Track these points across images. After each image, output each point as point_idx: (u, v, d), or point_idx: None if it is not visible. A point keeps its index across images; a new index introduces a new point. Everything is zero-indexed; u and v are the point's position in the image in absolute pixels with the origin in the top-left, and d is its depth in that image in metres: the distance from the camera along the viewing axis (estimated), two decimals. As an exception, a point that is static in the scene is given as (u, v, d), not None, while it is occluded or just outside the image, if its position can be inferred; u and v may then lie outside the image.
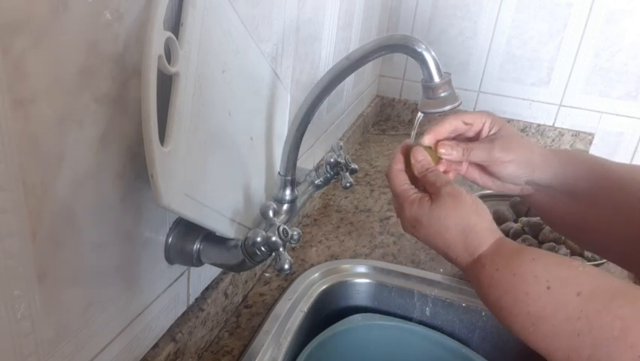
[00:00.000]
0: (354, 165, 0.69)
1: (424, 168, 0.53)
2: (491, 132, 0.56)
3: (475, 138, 0.57)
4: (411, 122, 1.60)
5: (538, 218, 0.89)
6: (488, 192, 0.98)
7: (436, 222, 0.49)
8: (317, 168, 0.70)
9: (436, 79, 0.49)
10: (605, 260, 0.80)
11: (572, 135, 1.48)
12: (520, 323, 0.43)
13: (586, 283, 0.41)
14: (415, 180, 0.53)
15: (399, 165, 0.54)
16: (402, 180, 0.53)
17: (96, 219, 0.39)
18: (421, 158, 0.53)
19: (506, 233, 0.89)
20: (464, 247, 0.48)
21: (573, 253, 0.84)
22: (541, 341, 0.41)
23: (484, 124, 0.56)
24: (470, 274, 0.48)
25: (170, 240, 0.51)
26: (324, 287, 0.76)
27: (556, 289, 0.41)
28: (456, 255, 0.49)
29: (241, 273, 0.69)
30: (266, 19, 0.62)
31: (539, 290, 0.42)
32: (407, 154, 0.54)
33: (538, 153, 0.56)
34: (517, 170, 0.56)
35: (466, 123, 0.56)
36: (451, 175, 0.57)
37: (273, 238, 0.48)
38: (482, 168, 0.58)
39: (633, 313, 0.38)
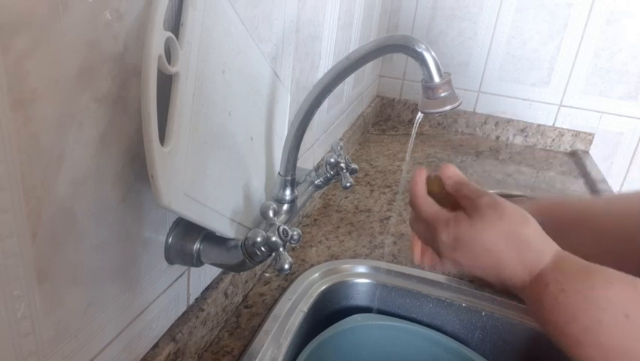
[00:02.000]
0: (354, 165, 0.69)
1: (457, 183, 0.48)
2: None
3: None
4: (411, 122, 1.60)
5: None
6: (489, 191, 0.98)
7: (481, 237, 0.43)
8: (317, 168, 0.70)
9: (436, 79, 0.49)
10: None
11: (572, 135, 1.48)
12: (591, 354, 0.37)
13: None
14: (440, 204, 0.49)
15: (421, 189, 0.50)
16: (430, 203, 0.48)
17: (96, 219, 0.39)
18: (452, 173, 0.49)
19: (506, 233, 0.89)
20: (521, 263, 0.42)
21: (573, 253, 0.83)
22: None
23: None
24: (529, 294, 0.42)
25: (170, 240, 0.51)
26: (324, 287, 0.76)
27: (636, 317, 0.36)
28: (510, 274, 0.43)
29: (241, 273, 0.69)
30: (266, 19, 0.62)
31: (615, 319, 0.36)
32: (426, 180, 0.51)
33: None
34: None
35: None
36: None
37: (273, 238, 0.48)
38: None
39: None
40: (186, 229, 0.52)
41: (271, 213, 0.51)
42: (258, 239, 0.48)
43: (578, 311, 0.38)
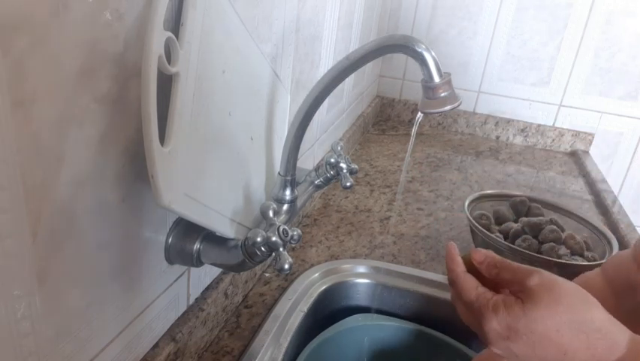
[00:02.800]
0: (354, 165, 0.69)
1: (493, 267, 0.43)
2: None
3: None
4: (411, 122, 1.60)
5: (538, 218, 0.89)
6: (489, 192, 0.99)
7: (539, 326, 0.38)
8: (317, 168, 0.70)
9: (436, 79, 0.49)
10: (605, 260, 0.80)
11: (572, 135, 1.48)
12: None
13: None
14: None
15: (460, 267, 0.44)
16: (472, 284, 0.42)
17: (96, 220, 0.39)
18: (482, 258, 0.44)
19: (506, 233, 0.89)
20: (590, 353, 0.37)
21: (573, 253, 0.84)
22: None
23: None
24: None
25: (170, 240, 0.51)
26: (324, 287, 0.76)
27: None
28: None
29: (241, 273, 0.69)
30: (266, 19, 0.62)
31: None
32: (464, 259, 0.46)
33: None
34: None
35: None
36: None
37: (273, 238, 0.48)
38: None
39: None
40: (186, 229, 0.52)
41: (271, 213, 0.51)
42: (258, 239, 0.48)
43: None
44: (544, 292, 0.38)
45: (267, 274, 0.78)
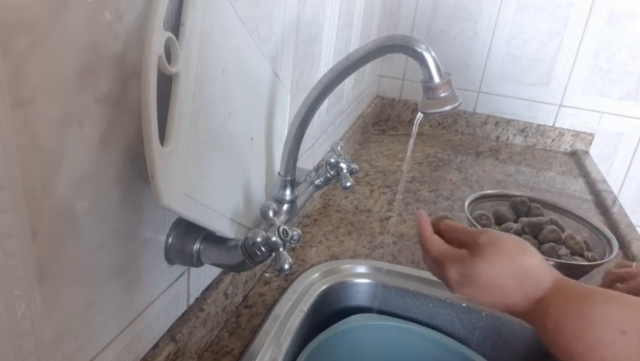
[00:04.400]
0: (354, 165, 0.69)
1: (454, 232, 0.52)
2: None
3: None
4: (411, 122, 1.60)
5: (538, 218, 0.89)
6: (489, 192, 0.99)
7: (484, 272, 0.46)
8: (317, 168, 0.70)
9: (436, 79, 0.49)
10: (605, 261, 0.80)
11: (572, 135, 1.48)
12: None
13: None
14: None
15: (428, 230, 0.53)
16: (437, 242, 0.52)
17: (96, 220, 0.39)
18: (447, 227, 0.53)
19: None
20: (522, 293, 0.45)
21: (573, 253, 0.84)
22: None
23: None
24: (532, 320, 0.45)
25: (170, 240, 0.51)
26: (324, 287, 0.76)
27: (632, 333, 0.38)
28: (513, 302, 0.46)
29: (241, 273, 0.69)
30: (266, 20, 0.62)
31: (613, 335, 0.39)
32: (433, 223, 0.55)
33: None
34: None
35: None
36: None
37: (273, 239, 0.48)
38: None
39: None
40: (186, 228, 0.52)
41: (271, 214, 0.51)
42: (258, 239, 0.48)
43: (579, 331, 0.40)
44: (489, 246, 0.47)
45: (267, 274, 0.78)
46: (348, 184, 0.68)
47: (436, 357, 0.74)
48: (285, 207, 0.64)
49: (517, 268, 0.45)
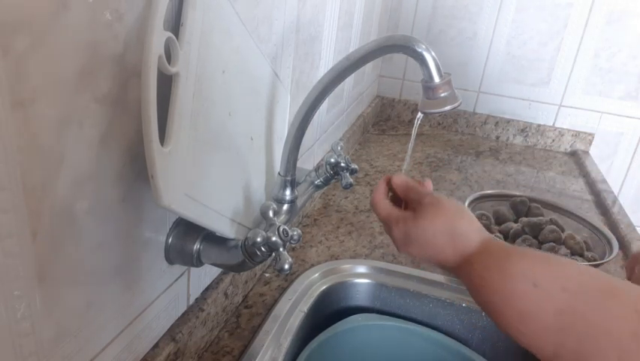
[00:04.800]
0: (354, 165, 0.69)
1: (405, 189, 0.56)
2: None
3: None
4: (411, 122, 1.60)
5: (538, 218, 0.89)
6: (489, 192, 0.99)
7: (423, 232, 0.50)
8: (317, 168, 0.70)
9: (436, 79, 0.49)
10: (605, 260, 0.80)
11: (572, 135, 1.48)
12: (510, 321, 0.43)
13: (573, 279, 0.41)
14: (399, 205, 0.57)
15: (381, 194, 0.57)
16: (385, 205, 0.55)
17: (96, 220, 0.39)
18: (400, 182, 0.56)
19: (506, 233, 0.89)
20: (453, 250, 0.49)
21: (573, 253, 0.84)
22: (530, 337, 0.42)
23: None
24: (461, 275, 0.50)
25: (170, 240, 0.51)
26: (324, 287, 0.76)
27: (543, 285, 0.41)
28: (445, 258, 0.50)
29: (241, 273, 0.69)
30: (266, 20, 0.62)
31: (526, 288, 0.42)
32: (389, 184, 0.58)
33: None
34: None
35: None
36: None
37: (273, 239, 0.48)
38: None
39: (619, 310, 0.38)
40: (186, 228, 0.52)
41: (271, 214, 0.51)
42: (258, 239, 0.48)
43: (497, 284, 0.44)
44: (430, 207, 0.51)
45: (267, 274, 0.78)
46: (348, 184, 0.68)
47: (436, 357, 0.74)
48: (285, 207, 0.64)
49: (452, 229, 0.49)
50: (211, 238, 0.52)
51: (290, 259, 0.48)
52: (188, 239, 0.51)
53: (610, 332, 0.37)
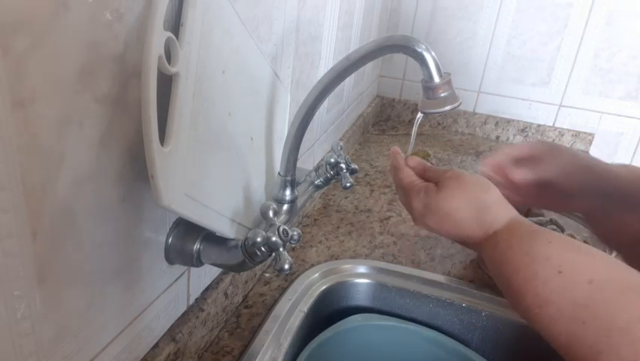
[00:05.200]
0: (354, 165, 0.69)
1: (421, 168, 0.55)
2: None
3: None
4: (411, 122, 1.60)
5: (538, 218, 0.89)
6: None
7: (445, 204, 0.49)
8: (317, 169, 0.70)
9: (436, 79, 0.49)
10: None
11: (572, 135, 1.48)
12: (527, 303, 0.42)
13: (600, 271, 0.40)
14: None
15: (402, 161, 0.55)
16: (408, 172, 0.54)
17: (96, 220, 0.39)
18: (416, 163, 0.55)
19: (506, 233, 0.89)
20: (477, 224, 0.48)
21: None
22: (545, 323, 0.41)
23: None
24: (483, 250, 0.48)
25: (170, 240, 0.51)
26: (324, 287, 0.76)
27: (568, 274, 0.40)
28: (468, 234, 0.48)
29: (241, 273, 0.69)
30: (266, 20, 0.62)
31: (550, 273, 0.41)
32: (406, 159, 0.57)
33: (598, 162, 0.59)
34: (583, 179, 0.57)
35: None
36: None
37: (273, 239, 0.48)
38: (540, 186, 0.59)
39: None
40: (186, 228, 0.52)
41: (271, 214, 0.51)
42: (258, 239, 0.48)
43: (520, 265, 0.43)
44: (453, 180, 0.50)
45: (267, 274, 0.78)
46: (348, 184, 0.68)
47: (436, 357, 0.74)
48: (285, 207, 0.64)
49: (477, 202, 0.48)
50: (211, 238, 0.52)
51: (290, 259, 0.48)
52: (188, 239, 0.51)
53: (629, 331, 0.36)
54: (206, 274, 0.62)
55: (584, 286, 0.39)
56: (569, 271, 0.41)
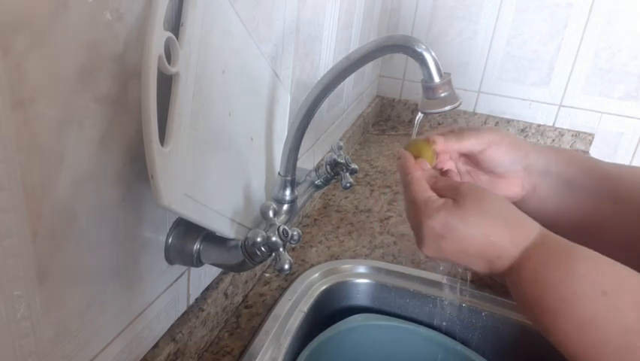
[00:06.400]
0: (354, 166, 0.69)
1: (431, 176, 0.50)
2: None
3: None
4: (411, 122, 1.60)
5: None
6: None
7: (468, 220, 0.43)
8: (317, 169, 0.70)
9: (436, 79, 0.49)
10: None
11: (572, 135, 1.48)
12: (565, 326, 0.38)
13: None
14: None
15: (419, 171, 0.49)
16: (424, 187, 0.47)
17: (96, 220, 0.39)
18: (425, 167, 0.50)
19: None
20: (510, 240, 0.42)
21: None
22: (586, 349, 0.37)
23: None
24: (513, 270, 0.42)
25: (170, 240, 0.51)
26: (324, 287, 0.76)
27: (612, 295, 0.36)
28: (499, 251, 0.42)
29: (241, 273, 0.69)
30: (266, 20, 0.62)
31: (594, 294, 0.37)
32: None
33: (527, 142, 0.56)
34: (510, 152, 0.53)
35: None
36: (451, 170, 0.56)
37: (273, 239, 0.48)
38: (476, 162, 0.56)
39: None
40: (186, 228, 0.52)
41: (271, 214, 0.51)
42: (258, 239, 0.48)
43: (555, 282, 0.39)
44: (472, 192, 0.44)
45: (267, 275, 0.78)
46: (348, 184, 0.68)
47: (436, 357, 0.74)
48: (285, 207, 0.64)
49: (504, 212, 0.43)
50: (211, 238, 0.52)
51: (290, 259, 0.48)
52: (188, 239, 0.51)
53: None
54: (206, 274, 0.62)
55: (629, 310, 0.36)
56: (613, 292, 0.37)
